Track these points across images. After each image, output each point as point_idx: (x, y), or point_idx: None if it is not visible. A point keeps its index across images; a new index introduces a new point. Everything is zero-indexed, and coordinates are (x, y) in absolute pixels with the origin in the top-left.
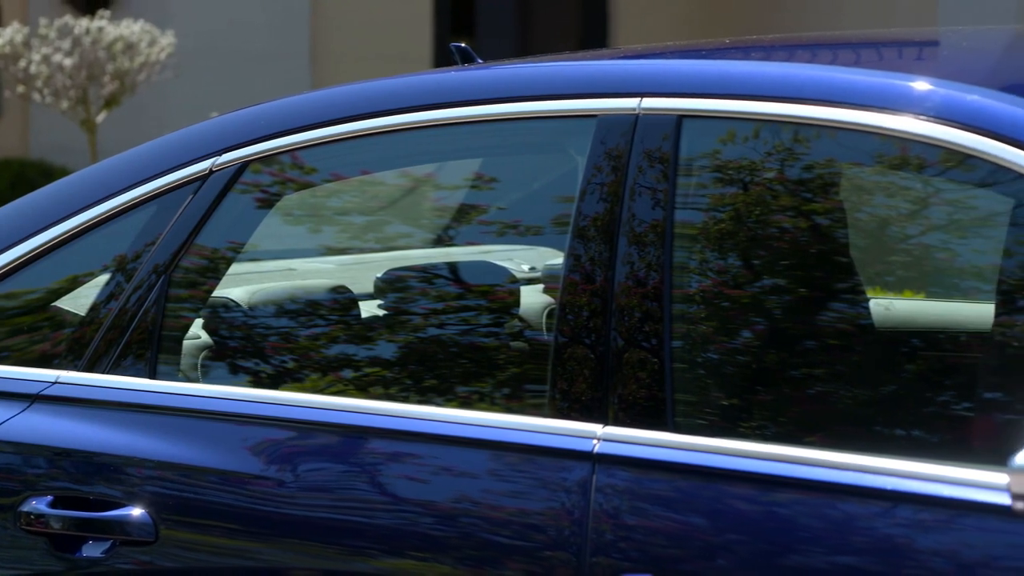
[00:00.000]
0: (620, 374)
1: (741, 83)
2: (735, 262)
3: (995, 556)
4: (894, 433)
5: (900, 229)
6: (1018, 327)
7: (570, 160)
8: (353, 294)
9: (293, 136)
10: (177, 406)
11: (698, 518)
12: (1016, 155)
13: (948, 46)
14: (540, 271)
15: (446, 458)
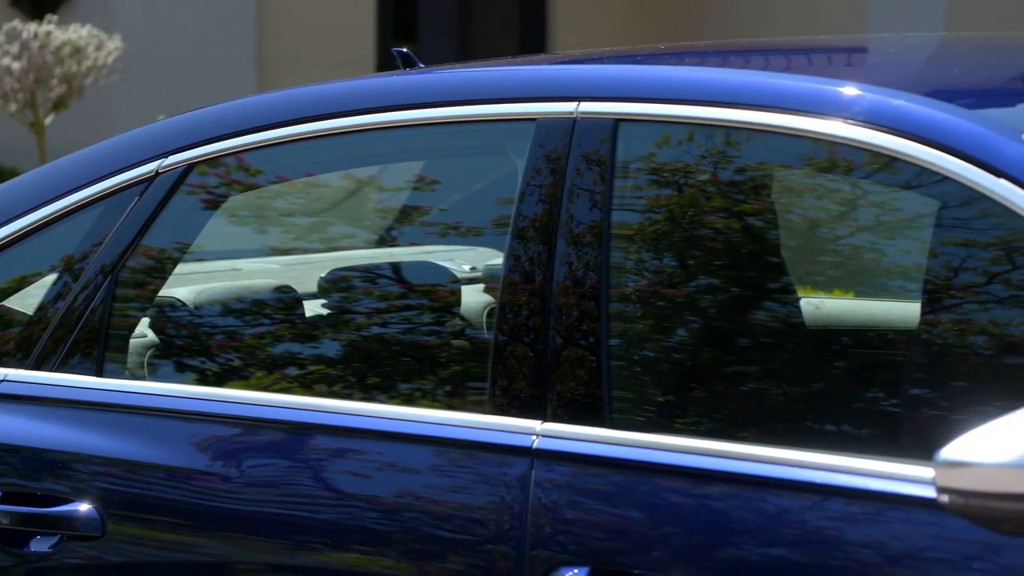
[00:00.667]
0: (558, 372)
1: (676, 88)
2: (670, 262)
3: (921, 548)
4: (824, 428)
5: (829, 230)
6: (943, 325)
7: (510, 163)
8: (297, 293)
9: (238, 139)
10: (124, 403)
11: (634, 512)
12: (940, 158)
13: (876, 52)
14: (481, 271)
15: (389, 454)
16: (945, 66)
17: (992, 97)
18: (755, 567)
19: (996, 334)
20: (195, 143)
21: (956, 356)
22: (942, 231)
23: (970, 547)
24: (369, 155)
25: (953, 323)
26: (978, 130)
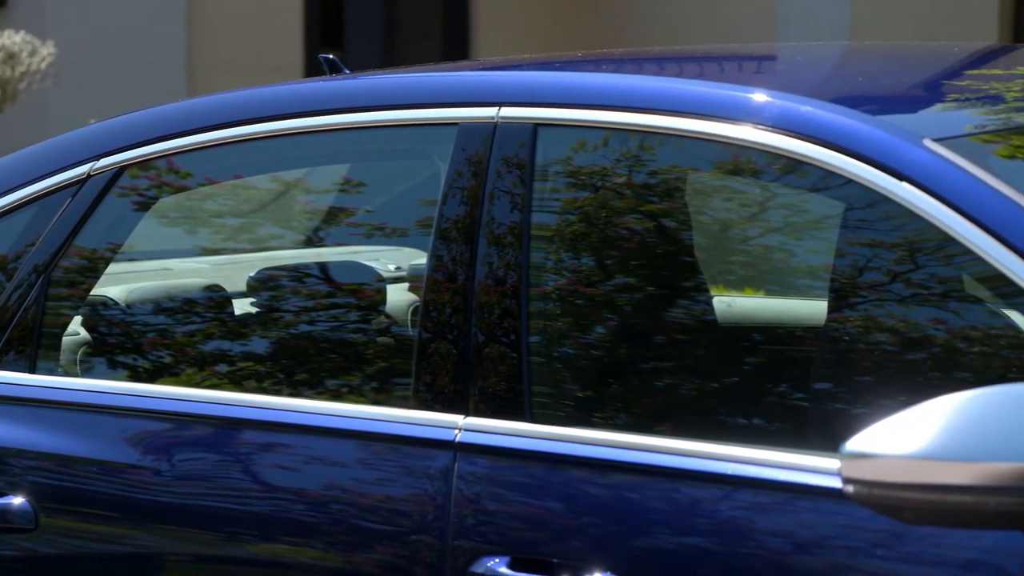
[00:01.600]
0: (480, 368)
1: (592, 94)
2: (588, 262)
3: (828, 536)
4: (736, 422)
5: (741, 231)
6: (849, 322)
7: (433, 166)
8: (227, 292)
9: (169, 142)
10: (57, 399)
11: (554, 503)
12: (845, 162)
13: (784, 60)
14: (405, 271)
15: (317, 448)
16: (850, 73)
17: (894, 103)
18: (669, 555)
19: (899, 331)
20: (126, 146)
21: (861, 352)
22: (848, 232)
23: (875, 535)
24: (296, 158)
25: (858, 320)
26: (881, 135)
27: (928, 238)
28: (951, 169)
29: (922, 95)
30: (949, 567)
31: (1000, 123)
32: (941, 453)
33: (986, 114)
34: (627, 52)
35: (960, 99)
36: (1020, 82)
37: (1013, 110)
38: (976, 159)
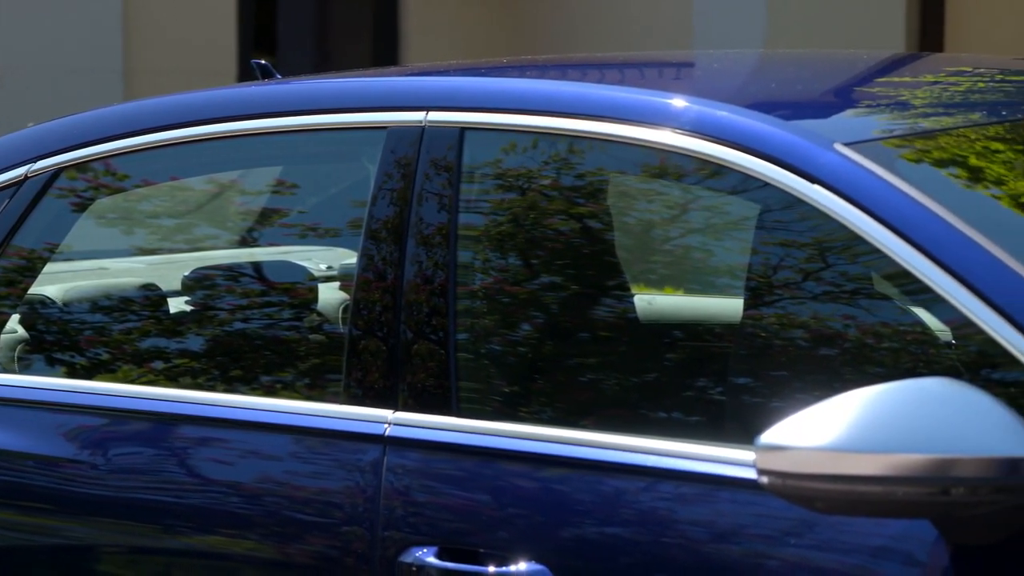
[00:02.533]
0: (409, 364)
1: (517, 99)
2: (514, 261)
3: (745, 525)
4: (657, 416)
5: (662, 232)
6: (764, 319)
7: (363, 168)
8: (162, 291)
9: (105, 145)
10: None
11: (482, 495)
12: (760, 165)
13: (702, 67)
14: (336, 270)
15: (251, 442)
16: (764, 80)
17: (807, 109)
18: (595, 545)
19: (812, 328)
20: (63, 149)
21: (775, 348)
22: (763, 233)
23: (789, 524)
24: (231, 160)
25: (773, 317)
26: (794, 139)
27: (839, 238)
28: (860, 172)
29: (833, 101)
30: (860, 554)
31: (907, 128)
32: (851, 445)
33: (894, 119)
34: (551, 59)
35: (869, 105)
36: (926, 89)
37: (919, 115)
38: (884, 163)
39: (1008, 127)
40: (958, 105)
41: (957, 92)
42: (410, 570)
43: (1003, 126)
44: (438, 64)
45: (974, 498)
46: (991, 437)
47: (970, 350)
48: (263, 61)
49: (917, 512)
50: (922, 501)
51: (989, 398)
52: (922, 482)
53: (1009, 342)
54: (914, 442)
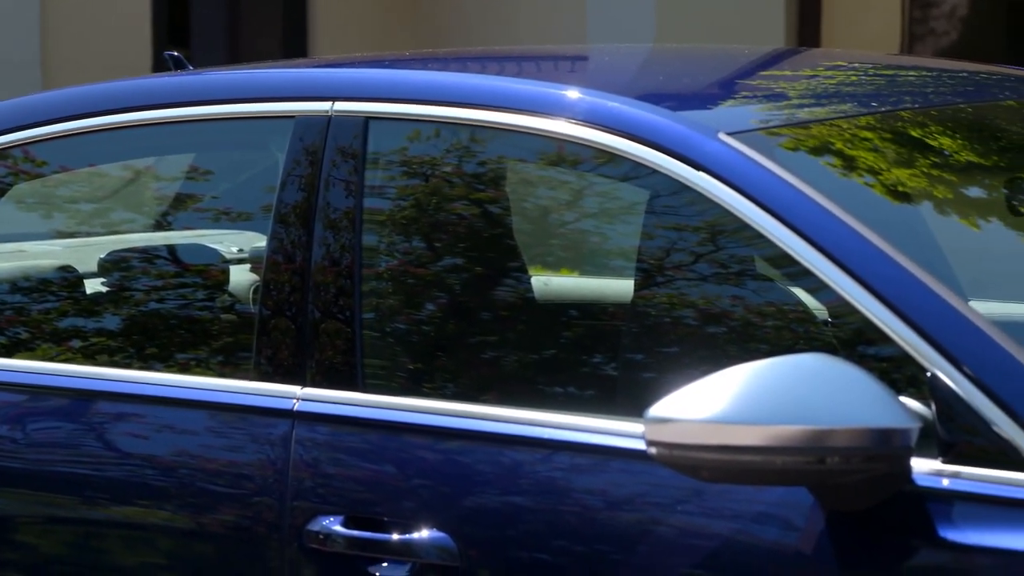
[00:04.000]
0: (317, 342)
1: (419, 90)
2: (418, 244)
3: (638, 493)
4: (553, 390)
5: (558, 216)
6: (654, 299)
7: (272, 156)
8: (79, 272)
9: (24, 132)
10: None
11: (387, 467)
12: (650, 153)
13: (595, 60)
14: (247, 252)
15: (167, 417)
16: (653, 73)
17: (693, 100)
18: (495, 514)
19: (698, 307)
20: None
21: (664, 326)
22: (653, 217)
23: (678, 493)
24: (146, 148)
25: (661, 297)
26: (681, 129)
27: (723, 223)
28: (742, 160)
29: (717, 93)
30: (743, 520)
31: (785, 118)
32: (734, 417)
33: (773, 110)
34: (452, 52)
35: (750, 97)
36: (803, 81)
37: (796, 107)
38: (764, 151)
39: (878, 118)
40: (831, 97)
41: (831, 85)
42: (317, 538)
43: (873, 117)
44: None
45: (848, 467)
46: (864, 409)
47: (845, 328)
48: (176, 53)
49: (795, 480)
50: (799, 470)
51: (863, 373)
52: (799, 452)
53: (882, 320)
54: (792, 414)
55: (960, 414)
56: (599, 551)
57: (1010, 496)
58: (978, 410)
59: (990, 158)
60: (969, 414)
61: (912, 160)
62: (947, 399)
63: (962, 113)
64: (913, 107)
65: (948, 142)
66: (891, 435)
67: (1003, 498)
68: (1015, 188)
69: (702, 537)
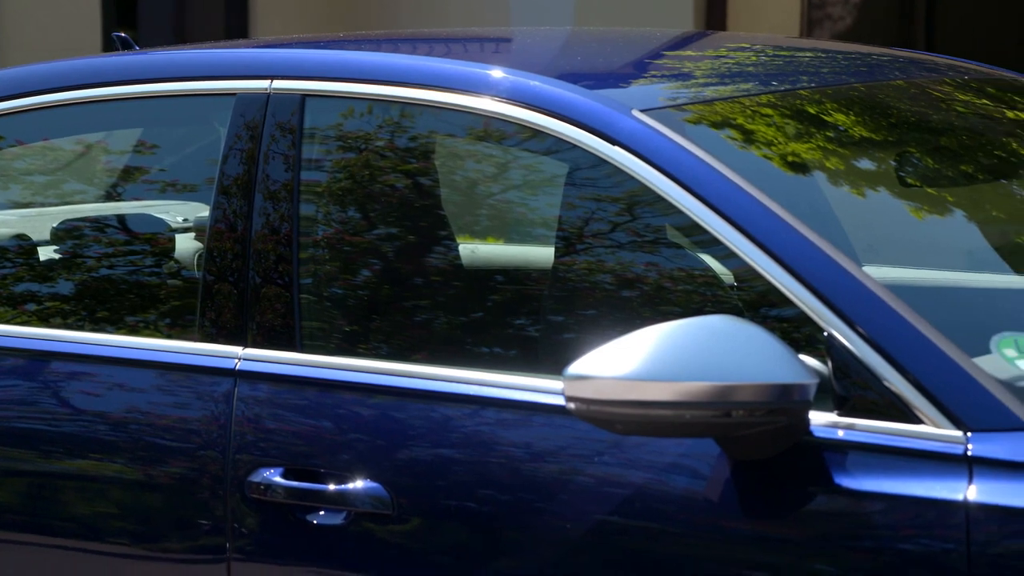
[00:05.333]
0: (257, 306)
1: (353, 69)
2: (353, 214)
3: (561, 446)
4: (480, 350)
5: (485, 188)
6: (574, 265)
7: (214, 131)
8: (33, 241)
9: None
10: None
11: (324, 422)
12: (569, 129)
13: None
14: (192, 222)
15: (118, 376)
16: (572, 54)
17: (608, 79)
18: (425, 465)
19: (614, 272)
20: None
21: (582, 290)
22: (572, 189)
23: (598, 445)
24: (96, 123)
25: (580, 264)
26: (597, 107)
27: (637, 194)
28: (655, 135)
29: (631, 72)
30: (655, 469)
31: (693, 96)
32: (646, 374)
33: (682, 88)
34: (383, 33)
35: (661, 76)
36: (709, 62)
37: (703, 85)
38: (674, 127)
39: (777, 96)
40: (735, 76)
41: (735, 65)
42: (258, 488)
43: (773, 95)
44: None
45: (751, 419)
46: (766, 366)
47: (750, 292)
48: (123, 34)
49: (702, 432)
50: (707, 423)
51: (765, 333)
52: (707, 406)
53: (783, 285)
54: (700, 371)
55: (854, 370)
56: (523, 499)
57: (899, 445)
58: (870, 367)
59: (880, 133)
60: (862, 370)
61: (809, 135)
62: (842, 356)
63: (855, 92)
64: (810, 86)
65: (842, 118)
66: (791, 390)
67: (892, 447)
68: (903, 161)
69: (618, 486)
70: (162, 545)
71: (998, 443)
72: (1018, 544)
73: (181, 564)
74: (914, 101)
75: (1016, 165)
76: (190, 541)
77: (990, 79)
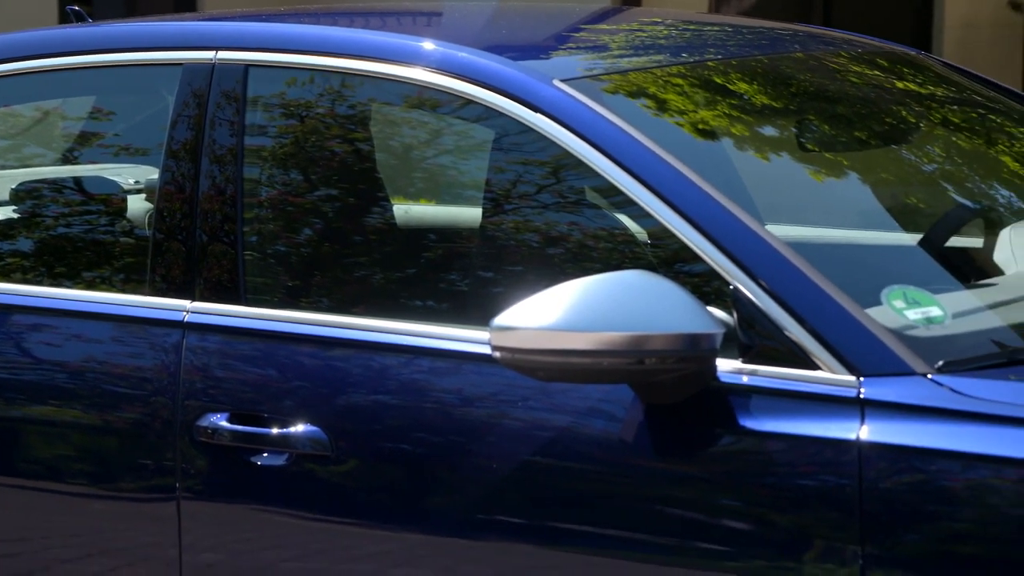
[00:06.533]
0: (205, 262)
1: (294, 41)
2: (294, 177)
3: (490, 392)
4: (414, 304)
5: (418, 153)
6: (501, 225)
7: (163, 99)
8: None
9: None
10: None
11: (269, 370)
12: (495, 98)
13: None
14: (143, 184)
15: (75, 328)
16: (498, 27)
17: (531, 51)
18: (363, 410)
19: (538, 231)
20: None
21: (508, 248)
22: (500, 154)
23: (524, 391)
24: (52, 91)
25: (506, 223)
26: (521, 76)
27: (559, 158)
28: (574, 103)
29: (553, 45)
30: (576, 413)
31: (609, 67)
32: (566, 325)
33: (599, 59)
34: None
35: (581, 48)
36: (624, 35)
37: (619, 57)
38: (592, 95)
39: (687, 67)
40: (648, 49)
41: (648, 38)
42: (206, 432)
43: (683, 66)
44: (227, 11)
45: (663, 366)
46: (677, 318)
47: (664, 249)
48: (77, 7)
49: (618, 379)
50: (622, 370)
51: (676, 287)
52: (622, 355)
53: (693, 242)
54: (616, 322)
55: (757, 321)
56: (454, 442)
57: (798, 390)
58: (772, 317)
59: (781, 102)
60: (765, 321)
61: (716, 103)
62: (746, 308)
63: (758, 63)
64: (717, 58)
65: (746, 88)
66: (700, 339)
67: (792, 391)
68: (802, 128)
69: (542, 428)
70: (116, 485)
71: (888, 387)
72: (905, 478)
73: (133, 503)
74: (812, 72)
75: (905, 131)
76: (142, 481)
77: (881, 52)
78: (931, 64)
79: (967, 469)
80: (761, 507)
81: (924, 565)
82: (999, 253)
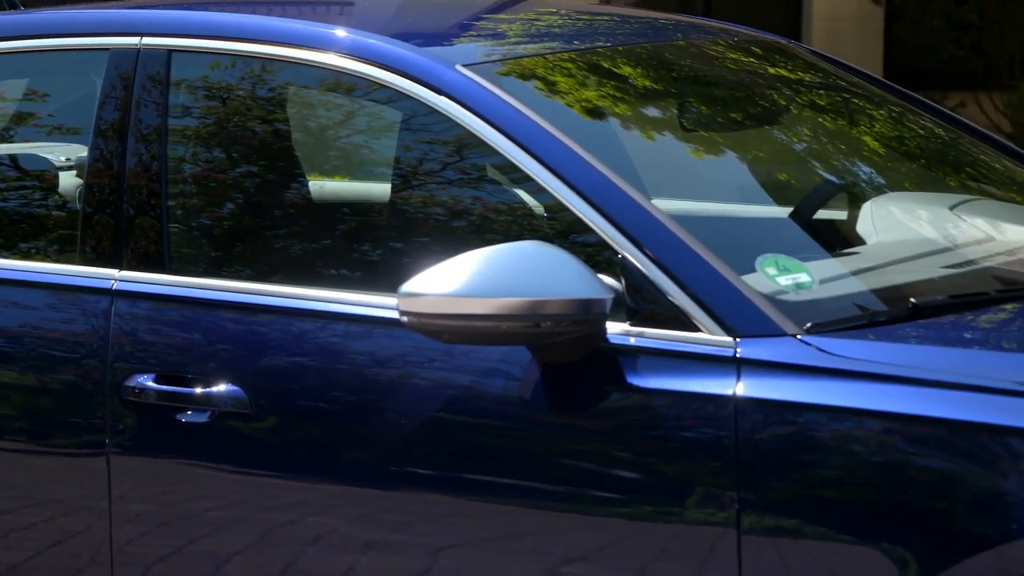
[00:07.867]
0: (132, 234)
1: (215, 27)
2: (216, 154)
3: (400, 354)
4: (329, 272)
5: (334, 133)
6: (408, 199)
7: (92, 82)
8: None
9: None
10: None
11: (194, 334)
12: (402, 82)
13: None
14: (74, 161)
15: (12, 295)
16: (405, 15)
17: (435, 38)
18: (282, 371)
19: (444, 205)
20: None
21: (416, 220)
22: (408, 134)
23: (432, 353)
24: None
25: (414, 198)
26: (426, 62)
27: (462, 138)
28: (475, 87)
29: (456, 32)
30: (477, 373)
31: (507, 53)
32: (468, 291)
33: (499, 46)
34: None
35: (481, 35)
36: (521, 24)
37: (515, 43)
38: (492, 79)
39: (578, 54)
40: (543, 36)
41: (543, 27)
42: (133, 392)
43: (574, 53)
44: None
45: (558, 329)
46: (571, 284)
47: (559, 221)
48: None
49: (516, 341)
50: (520, 332)
51: (570, 256)
52: (520, 319)
53: (584, 215)
54: (515, 288)
55: (643, 287)
56: (366, 399)
57: (680, 350)
58: (657, 284)
59: (664, 85)
60: (650, 287)
61: (604, 87)
62: (634, 276)
63: (643, 50)
64: (605, 45)
65: (632, 72)
66: (591, 304)
67: (675, 351)
68: (683, 109)
69: (448, 387)
70: (51, 441)
71: (761, 347)
72: (777, 430)
73: (66, 458)
74: (693, 58)
75: (776, 113)
76: (75, 438)
77: (756, 41)
78: (801, 52)
79: (833, 421)
80: (648, 457)
81: (794, 508)
82: (861, 224)
